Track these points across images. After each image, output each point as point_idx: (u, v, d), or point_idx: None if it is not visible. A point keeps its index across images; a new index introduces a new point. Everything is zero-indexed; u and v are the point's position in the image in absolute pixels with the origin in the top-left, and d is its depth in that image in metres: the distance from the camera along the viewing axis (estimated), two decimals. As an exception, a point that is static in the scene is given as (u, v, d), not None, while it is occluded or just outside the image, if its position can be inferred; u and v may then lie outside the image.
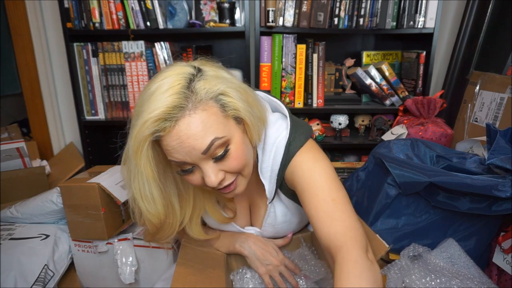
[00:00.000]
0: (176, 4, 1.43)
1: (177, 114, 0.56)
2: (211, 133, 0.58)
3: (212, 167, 0.61)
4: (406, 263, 0.92)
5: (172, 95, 0.56)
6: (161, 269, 1.07)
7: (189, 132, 0.57)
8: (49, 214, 1.23)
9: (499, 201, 0.85)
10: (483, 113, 1.24)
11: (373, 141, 1.53)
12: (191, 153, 0.58)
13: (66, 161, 1.68)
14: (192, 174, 0.63)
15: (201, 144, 0.58)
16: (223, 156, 0.61)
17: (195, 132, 0.57)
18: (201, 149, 0.58)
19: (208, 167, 0.61)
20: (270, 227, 0.83)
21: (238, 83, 0.64)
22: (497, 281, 0.97)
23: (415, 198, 0.99)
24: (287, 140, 0.70)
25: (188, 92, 0.57)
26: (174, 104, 0.56)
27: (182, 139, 0.57)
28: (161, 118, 0.56)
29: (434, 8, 1.39)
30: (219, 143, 0.59)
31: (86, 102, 1.54)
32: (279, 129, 0.72)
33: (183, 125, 0.57)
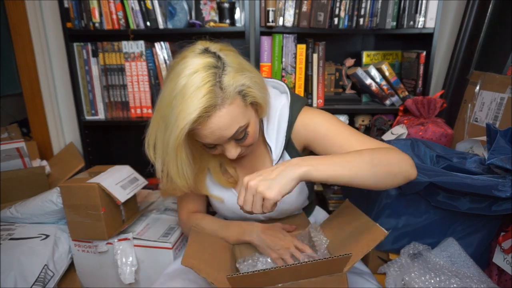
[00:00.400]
0: (176, 4, 1.43)
1: (210, 112, 0.67)
2: (236, 123, 0.70)
3: (233, 146, 0.75)
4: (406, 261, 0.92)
5: (205, 96, 0.65)
6: (161, 269, 1.07)
7: (219, 124, 0.69)
8: (49, 214, 1.23)
9: (499, 201, 0.85)
10: (483, 113, 1.24)
11: (373, 141, 1.53)
12: (219, 139, 0.71)
13: (66, 161, 1.68)
14: (214, 149, 0.77)
15: (228, 133, 0.70)
16: (243, 138, 0.74)
17: (223, 124, 0.69)
18: (228, 136, 0.71)
19: (231, 147, 0.75)
20: None
21: (254, 72, 0.74)
22: (497, 281, 0.97)
23: (415, 198, 0.99)
24: (290, 103, 0.83)
25: (218, 90, 0.67)
26: (208, 104, 0.65)
27: (213, 129, 0.69)
28: (198, 119, 0.66)
29: (434, 8, 1.39)
30: (241, 130, 0.72)
31: (86, 102, 1.54)
32: (281, 99, 0.84)
33: (215, 119, 0.68)
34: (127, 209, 1.17)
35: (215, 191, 0.91)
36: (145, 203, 1.34)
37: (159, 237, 1.09)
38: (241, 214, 0.91)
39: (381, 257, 1.05)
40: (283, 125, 0.82)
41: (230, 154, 0.75)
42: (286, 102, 0.83)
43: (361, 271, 0.89)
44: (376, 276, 0.90)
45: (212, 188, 0.91)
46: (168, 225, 1.17)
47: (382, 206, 1.02)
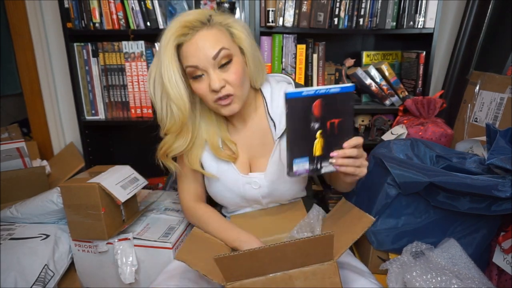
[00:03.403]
0: (176, 4, 1.44)
1: (198, 26, 0.78)
2: (220, 43, 0.78)
3: (217, 74, 0.79)
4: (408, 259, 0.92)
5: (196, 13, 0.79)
6: (161, 269, 1.07)
7: (204, 40, 0.77)
8: (49, 214, 1.23)
9: (499, 201, 0.85)
10: (483, 113, 1.24)
11: (373, 141, 1.53)
12: (204, 58, 0.77)
13: (66, 161, 1.68)
14: (201, 81, 0.81)
15: (212, 50, 0.77)
16: (226, 65, 0.80)
17: (209, 41, 0.78)
18: (212, 54, 0.77)
19: (215, 74, 0.79)
20: (274, 165, 0.90)
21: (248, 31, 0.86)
22: (497, 281, 0.97)
23: (415, 198, 0.99)
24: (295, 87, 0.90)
25: (207, 18, 0.80)
26: (197, 18, 0.78)
27: (198, 45, 0.77)
28: (186, 26, 0.78)
29: (434, 8, 1.39)
30: (225, 53, 0.79)
31: (86, 102, 1.54)
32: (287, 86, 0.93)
33: (201, 35, 0.78)
34: (127, 209, 1.17)
35: (212, 168, 0.93)
36: (145, 203, 1.34)
37: (159, 237, 1.09)
38: (238, 191, 0.94)
39: (381, 257, 1.05)
40: None
41: (213, 82, 0.78)
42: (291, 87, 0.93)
43: (361, 270, 0.89)
44: (376, 276, 0.90)
45: (209, 165, 0.93)
46: (168, 225, 1.17)
47: (382, 206, 1.02)
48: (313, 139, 0.73)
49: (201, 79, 0.81)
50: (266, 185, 0.92)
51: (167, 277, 0.86)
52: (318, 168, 0.76)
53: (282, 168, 0.91)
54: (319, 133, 0.73)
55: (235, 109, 0.84)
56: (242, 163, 0.95)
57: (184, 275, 0.84)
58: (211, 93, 0.81)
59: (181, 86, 0.81)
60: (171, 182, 1.70)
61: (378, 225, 1.02)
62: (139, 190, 1.17)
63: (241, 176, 0.93)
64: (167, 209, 1.30)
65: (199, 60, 0.78)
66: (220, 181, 0.94)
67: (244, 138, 0.95)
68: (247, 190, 0.93)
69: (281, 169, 0.91)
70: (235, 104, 0.83)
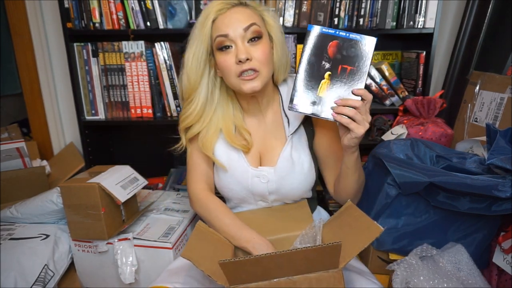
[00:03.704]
0: (176, 4, 1.44)
1: (234, 2, 0.85)
2: (253, 19, 0.83)
3: (245, 47, 0.82)
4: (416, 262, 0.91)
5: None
6: (161, 269, 1.07)
7: (238, 13, 0.83)
8: (49, 214, 1.23)
9: (499, 201, 0.85)
10: (483, 113, 1.24)
11: (373, 141, 1.53)
12: (235, 27, 0.81)
13: (66, 161, 1.68)
14: (227, 53, 0.83)
15: (244, 22, 0.82)
16: (255, 40, 0.83)
17: (242, 14, 0.83)
18: (243, 26, 0.81)
19: (243, 46, 0.82)
20: (285, 161, 0.92)
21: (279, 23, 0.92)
22: (497, 281, 0.97)
23: (415, 198, 0.99)
24: None
25: (244, 1, 0.86)
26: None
27: (232, 16, 0.82)
28: (224, 2, 0.83)
29: (434, 8, 1.39)
30: (256, 29, 0.83)
31: (86, 102, 1.54)
32: None
33: (236, 9, 0.84)
34: (127, 209, 1.17)
35: (223, 158, 0.94)
36: (145, 203, 1.34)
37: (159, 237, 1.09)
38: (246, 184, 0.93)
39: (381, 257, 1.05)
40: None
41: (241, 52, 0.81)
42: None
43: (361, 270, 0.89)
44: (376, 276, 0.90)
45: (220, 155, 0.94)
46: (168, 225, 1.17)
47: (382, 206, 1.02)
48: (321, 78, 0.74)
49: (228, 51, 0.83)
50: (275, 180, 0.92)
51: (169, 275, 0.86)
52: (318, 110, 0.76)
53: (292, 165, 0.92)
54: (328, 75, 0.74)
55: (257, 87, 0.84)
56: (253, 155, 0.95)
57: (187, 273, 0.84)
58: (236, 66, 0.82)
59: (201, 61, 0.87)
60: (171, 182, 1.70)
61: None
62: (139, 190, 1.17)
63: (251, 168, 0.93)
64: (167, 209, 1.30)
65: (230, 29, 0.81)
66: (229, 173, 0.94)
67: (257, 130, 0.96)
68: (255, 183, 0.93)
69: (291, 166, 0.92)
70: (258, 81, 0.83)
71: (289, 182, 0.93)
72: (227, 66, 0.84)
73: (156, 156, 1.84)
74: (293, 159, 0.92)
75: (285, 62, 0.93)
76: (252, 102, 0.94)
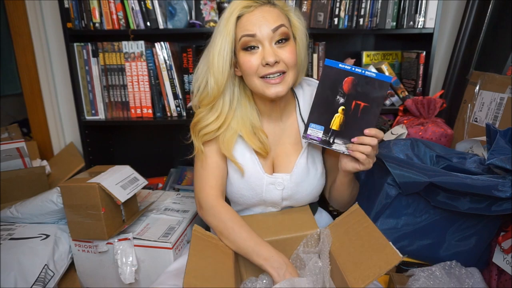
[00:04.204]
0: (176, 4, 1.44)
1: (262, 2, 0.80)
2: (281, 20, 0.79)
3: (273, 49, 0.79)
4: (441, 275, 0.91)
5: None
6: (161, 269, 1.07)
7: (267, 12, 0.79)
8: (49, 214, 1.23)
9: (499, 201, 0.85)
10: (483, 113, 1.24)
11: (373, 141, 1.53)
12: (263, 28, 0.78)
13: (66, 161, 1.68)
14: (253, 54, 0.80)
15: (273, 23, 0.78)
16: (283, 42, 0.80)
17: (271, 15, 0.79)
18: (272, 26, 0.78)
19: (270, 48, 0.79)
20: (300, 167, 0.90)
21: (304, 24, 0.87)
22: (497, 281, 0.97)
23: (415, 198, 0.99)
24: None
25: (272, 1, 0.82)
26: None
27: (260, 15, 0.78)
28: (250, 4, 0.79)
29: (434, 8, 1.39)
30: (284, 31, 0.79)
31: (86, 102, 1.54)
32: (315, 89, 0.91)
33: (264, 9, 0.79)
34: (127, 209, 1.17)
35: (239, 160, 0.90)
36: (145, 203, 1.34)
37: (159, 237, 1.09)
38: (260, 191, 0.91)
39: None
40: None
41: (268, 54, 0.77)
42: None
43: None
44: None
45: (237, 156, 0.90)
46: (168, 225, 1.17)
47: (382, 206, 1.02)
48: (334, 112, 0.77)
49: (253, 51, 0.80)
50: (290, 187, 0.91)
51: (168, 277, 0.86)
52: (330, 142, 0.79)
53: (308, 172, 0.91)
54: (341, 109, 0.76)
55: (281, 92, 0.81)
56: (267, 161, 0.93)
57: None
58: (262, 67, 0.79)
59: (227, 61, 0.81)
60: (171, 182, 1.70)
61: (378, 225, 1.02)
62: (139, 190, 1.17)
63: (266, 175, 0.90)
64: (167, 209, 1.30)
65: (258, 29, 0.78)
66: (244, 179, 0.90)
67: (273, 134, 0.94)
68: (270, 190, 0.91)
69: (307, 172, 0.91)
70: (283, 85, 0.81)
71: (304, 188, 0.92)
72: (251, 67, 0.80)
73: (156, 156, 1.84)
74: (308, 166, 0.91)
75: (305, 63, 0.91)
76: (271, 105, 0.90)
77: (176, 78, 1.49)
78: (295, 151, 0.92)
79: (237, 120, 0.89)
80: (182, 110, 1.53)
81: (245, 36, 0.79)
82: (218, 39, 0.81)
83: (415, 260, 1.05)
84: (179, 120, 1.51)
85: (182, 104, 1.53)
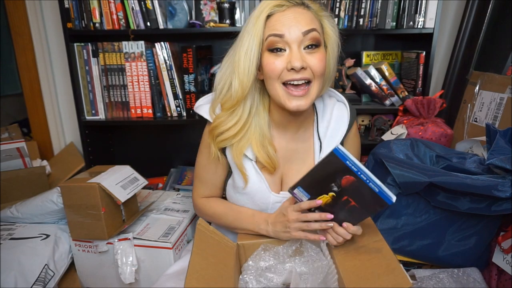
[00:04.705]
0: (176, 4, 1.44)
1: (296, 3, 0.75)
2: (314, 24, 0.74)
3: (301, 53, 0.73)
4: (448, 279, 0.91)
5: None
6: (161, 269, 1.07)
7: (299, 14, 0.73)
8: (49, 214, 1.23)
9: (499, 201, 0.85)
10: (482, 113, 1.24)
11: (373, 141, 1.53)
12: (294, 29, 0.72)
13: (66, 161, 1.68)
14: (278, 56, 0.74)
15: (305, 25, 0.72)
16: (312, 48, 0.74)
17: (303, 17, 0.73)
18: (303, 29, 0.72)
19: (298, 51, 0.73)
20: None
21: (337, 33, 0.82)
22: (497, 281, 0.97)
23: (415, 198, 0.99)
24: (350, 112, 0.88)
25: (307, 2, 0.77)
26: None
27: (292, 16, 0.72)
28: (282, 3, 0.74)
29: (434, 8, 1.39)
30: (316, 35, 0.73)
31: (86, 102, 1.54)
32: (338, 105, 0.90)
33: (297, 10, 0.74)
34: (127, 209, 1.17)
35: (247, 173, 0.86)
36: (145, 203, 1.34)
37: (159, 237, 1.09)
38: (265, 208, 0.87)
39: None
40: (341, 131, 0.87)
41: (296, 59, 0.71)
42: (345, 111, 0.89)
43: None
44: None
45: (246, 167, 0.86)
46: (168, 225, 1.17)
47: (382, 206, 1.02)
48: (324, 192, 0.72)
49: (279, 54, 0.74)
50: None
51: (167, 279, 0.86)
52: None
53: None
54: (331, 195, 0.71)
55: (303, 107, 0.75)
56: (275, 178, 0.87)
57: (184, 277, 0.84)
58: (286, 72, 0.73)
59: (254, 62, 0.75)
60: (171, 182, 1.70)
61: (378, 225, 1.02)
62: (139, 190, 1.17)
63: (273, 194, 0.86)
64: (167, 209, 1.30)
65: (287, 30, 0.72)
66: (248, 194, 0.86)
67: (285, 149, 0.87)
68: (276, 208, 0.86)
69: None
70: (306, 99, 0.75)
71: None
72: (274, 70, 0.74)
73: (156, 156, 1.84)
74: None
75: (332, 77, 0.85)
76: (289, 117, 0.83)
77: (176, 78, 1.49)
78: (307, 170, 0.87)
79: (252, 129, 0.83)
80: (182, 110, 1.53)
81: (272, 35, 0.73)
82: (245, 38, 0.75)
83: (415, 260, 1.05)
84: (179, 120, 1.51)
85: (182, 104, 1.53)
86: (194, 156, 0.95)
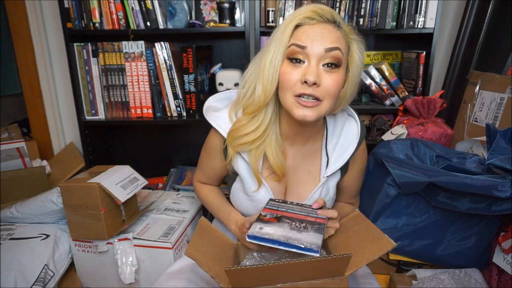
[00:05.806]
0: (176, 4, 1.44)
1: (327, 19, 0.74)
2: (339, 44, 0.73)
3: (318, 69, 0.73)
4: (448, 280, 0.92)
5: (331, 9, 0.75)
6: (161, 269, 1.07)
7: (327, 30, 0.73)
8: (49, 214, 1.23)
9: (499, 201, 0.85)
10: (483, 113, 1.24)
11: (373, 141, 1.53)
12: (317, 44, 0.72)
13: (66, 161, 1.68)
14: (296, 67, 0.74)
15: (330, 43, 0.72)
16: (331, 67, 0.73)
17: (330, 34, 0.73)
18: (327, 45, 0.72)
19: (316, 67, 0.72)
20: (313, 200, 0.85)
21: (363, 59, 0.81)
22: (497, 281, 0.97)
23: (415, 198, 0.99)
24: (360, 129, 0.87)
25: (339, 21, 0.76)
26: (331, 12, 0.74)
27: (319, 30, 0.72)
28: (317, 12, 0.74)
29: (434, 8, 1.39)
30: (338, 55, 0.73)
31: (86, 102, 1.54)
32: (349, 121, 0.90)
33: (326, 26, 0.73)
34: (127, 209, 1.17)
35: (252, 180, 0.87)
36: (145, 203, 1.34)
37: (159, 237, 1.09)
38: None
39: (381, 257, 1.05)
40: (350, 149, 0.86)
41: (311, 73, 0.71)
42: (356, 127, 0.88)
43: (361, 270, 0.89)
44: (376, 276, 0.90)
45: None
46: (168, 225, 1.17)
47: (382, 206, 1.02)
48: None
49: (297, 65, 0.74)
50: None
51: (167, 278, 0.86)
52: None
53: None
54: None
55: (309, 117, 0.74)
56: (280, 187, 0.89)
57: (184, 276, 0.84)
58: (299, 85, 0.73)
59: (277, 70, 0.75)
60: (171, 182, 1.70)
61: (378, 225, 1.02)
62: (139, 190, 1.17)
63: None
64: (167, 209, 1.30)
65: (310, 43, 0.72)
66: (254, 201, 0.88)
67: (292, 159, 0.88)
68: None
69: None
70: (314, 111, 0.74)
71: None
72: (289, 80, 0.73)
73: (156, 156, 1.84)
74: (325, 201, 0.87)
75: (349, 100, 0.84)
76: (297, 129, 0.84)
77: (176, 78, 1.49)
78: (312, 182, 0.88)
79: (269, 135, 0.83)
80: (182, 110, 1.53)
81: (294, 45, 0.73)
82: (272, 45, 0.76)
83: (415, 260, 1.05)
84: (179, 120, 1.51)
85: (182, 104, 1.53)
86: (194, 156, 0.96)
